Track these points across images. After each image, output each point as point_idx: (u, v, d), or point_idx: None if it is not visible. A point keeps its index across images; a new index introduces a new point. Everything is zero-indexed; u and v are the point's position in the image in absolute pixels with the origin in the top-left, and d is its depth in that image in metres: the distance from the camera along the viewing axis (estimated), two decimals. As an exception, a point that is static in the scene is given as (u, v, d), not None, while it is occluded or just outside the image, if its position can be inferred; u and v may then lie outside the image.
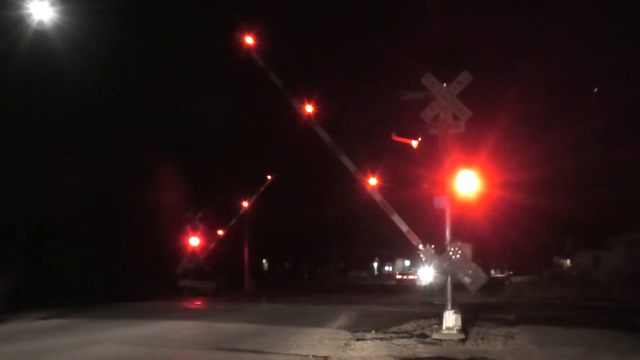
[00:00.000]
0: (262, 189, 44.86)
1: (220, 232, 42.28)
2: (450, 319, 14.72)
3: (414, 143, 20.04)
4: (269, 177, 44.92)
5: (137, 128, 45.14)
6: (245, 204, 44.68)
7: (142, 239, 35.60)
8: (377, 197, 18.66)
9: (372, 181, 21.03)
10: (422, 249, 16.54)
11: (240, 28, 19.90)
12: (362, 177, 19.18)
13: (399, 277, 62.73)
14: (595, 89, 45.77)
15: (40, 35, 19.47)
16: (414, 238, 17.52)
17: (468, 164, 15.67)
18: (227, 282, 41.97)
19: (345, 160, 18.93)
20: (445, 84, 15.91)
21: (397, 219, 17.94)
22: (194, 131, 48.41)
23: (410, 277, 57.51)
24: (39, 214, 34.97)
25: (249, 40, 19.68)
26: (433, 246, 16.51)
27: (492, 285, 38.59)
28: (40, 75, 30.36)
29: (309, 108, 19.69)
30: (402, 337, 14.64)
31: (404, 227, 17.86)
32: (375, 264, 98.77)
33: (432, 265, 16.06)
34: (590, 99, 44.76)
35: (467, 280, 15.45)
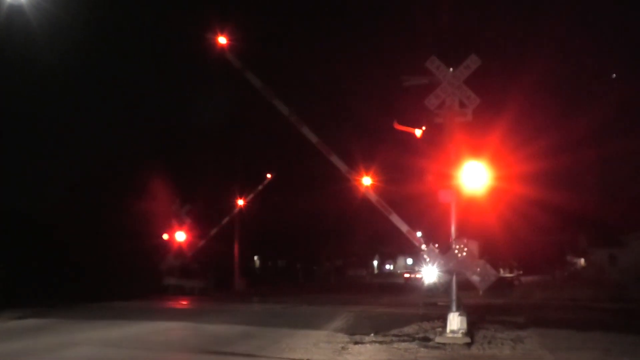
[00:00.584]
0: (260, 187, 45.08)
1: (209, 227, 42.26)
2: (455, 322, 14.71)
3: (417, 132, 19.99)
4: (268, 175, 45.10)
5: (118, 113, 45.14)
6: (239, 201, 44.83)
7: (125, 234, 35.56)
8: (373, 198, 18.69)
9: (367, 181, 20.95)
10: (426, 249, 16.54)
11: (213, 27, 20.05)
12: (355, 177, 19.17)
13: (407, 275, 64.33)
14: (614, 75, 45.71)
15: (15, 11, 19.39)
16: (415, 238, 17.55)
17: (475, 155, 15.62)
18: (215, 281, 41.96)
19: (336, 160, 18.92)
20: (451, 69, 15.84)
21: (395, 219, 17.98)
22: (183, 122, 48.56)
23: (419, 275, 58.98)
24: (12, 209, 34.97)
25: (222, 40, 19.78)
26: (437, 245, 16.49)
27: (501, 286, 38.62)
28: (15, 52, 30.32)
29: (287, 110, 19.74)
30: (404, 341, 14.62)
31: (404, 227, 17.91)
32: (376, 262, 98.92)
33: (437, 265, 16.03)
34: (609, 85, 44.75)
35: (475, 278, 15.41)
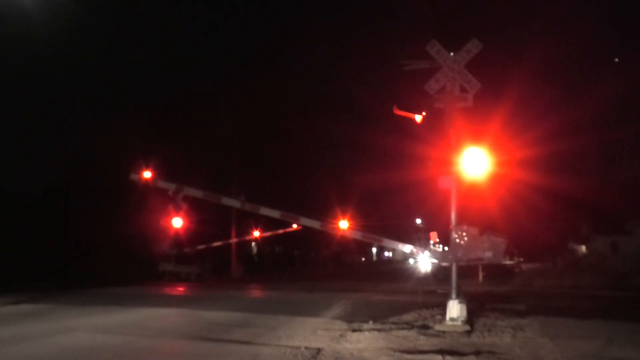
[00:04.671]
0: (280, 231, 45.59)
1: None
2: (455, 309, 14.70)
3: (417, 117, 19.95)
4: (294, 225, 45.50)
5: (113, 94, 44.94)
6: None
7: (119, 218, 35.56)
8: (357, 235, 18.89)
9: (344, 224, 20.98)
10: (430, 253, 16.67)
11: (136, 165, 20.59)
12: (332, 223, 19.32)
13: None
14: (616, 59, 45.61)
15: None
16: (413, 249, 17.71)
17: (476, 140, 15.56)
18: (212, 267, 42.04)
19: (306, 221, 19.09)
20: (452, 53, 15.77)
21: (388, 242, 18.21)
22: (177, 100, 48.51)
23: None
24: (3, 191, 34.88)
25: (147, 174, 20.19)
26: (438, 241, 16.65)
27: (501, 273, 38.76)
28: (8, 34, 30.19)
29: (238, 203, 20.23)
30: (402, 329, 14.64)
31: (397, 245, 18.12)
32: (374, 249, 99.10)
33: (445, 259, 16.03)
34: (611, 69, 44.70)
35: (489, 254, 15.31)
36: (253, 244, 64.00)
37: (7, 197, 34.50)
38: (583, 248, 58.64)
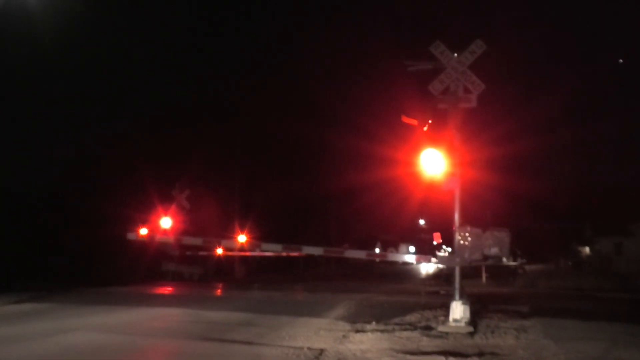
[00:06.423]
0: (284, 254, 45.70)
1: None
2: (458, 311, 14.70)
3: (425, 128, 19.98)
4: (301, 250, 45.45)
5: (115, 96, 45.02)
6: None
7: (121, 217, 35.56)
8: (360, 255, 19.06)
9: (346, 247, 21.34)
10: (435, 260, 16.75)
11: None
12: (335, 250, 19.50)
13: None
14: (621, 60, 45.70)
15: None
16: (423, 258, 17.86)
17: (480, 142, 15.57)
18: (215, 267, 42.05)
19: (308, 249, 19.32)
20: (456, 54, 15.77)
21: (392, 256, 18.36)
22: (179, 99, 48.63)
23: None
24: (4, 188, 34.92)
25: (143, 231, 20.47)
26: (441, 241, 16.68)
27: (504, 274, 38.77)
28: (10, 34, 30.23)
29: (241, 238, 20.58)
30: (405, 330, 14.63)
31: (403, 258, 18.34)
32: (377, 250, 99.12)
33: (453, 262, 16.03)
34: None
35: (495, 250, 15.27)
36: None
37: (7, 197, 34.53)
38: (587, 249, 58.72)
